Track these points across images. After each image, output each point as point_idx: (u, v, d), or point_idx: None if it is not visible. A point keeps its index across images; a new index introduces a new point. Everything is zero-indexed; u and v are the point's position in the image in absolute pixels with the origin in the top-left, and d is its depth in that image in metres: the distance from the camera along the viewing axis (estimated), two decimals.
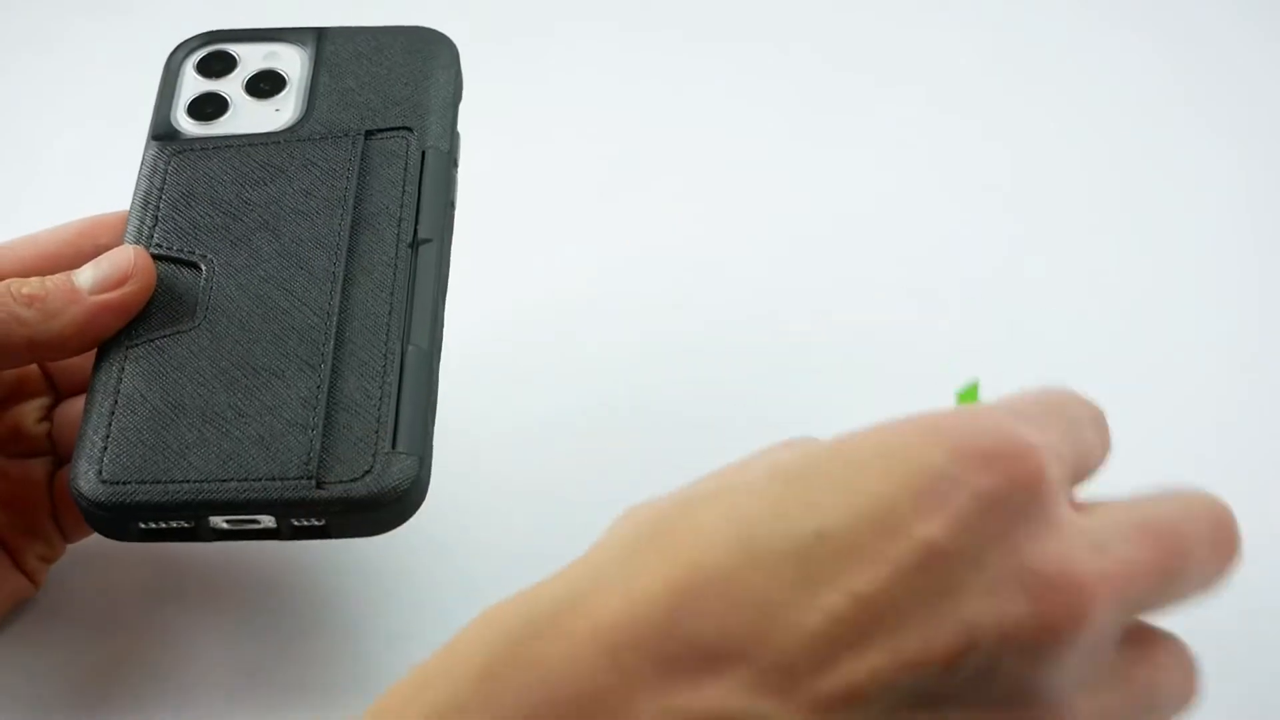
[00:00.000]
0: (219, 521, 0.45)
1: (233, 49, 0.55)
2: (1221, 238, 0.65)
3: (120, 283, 0.48)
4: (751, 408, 0.59)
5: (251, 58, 0.54)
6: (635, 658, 0.34)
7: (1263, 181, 0.67)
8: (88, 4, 0.72)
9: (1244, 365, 0.61)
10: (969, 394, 0.45)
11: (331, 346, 0.47)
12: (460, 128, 0.54)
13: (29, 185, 0.66)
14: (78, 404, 0.52)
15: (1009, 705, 0.35)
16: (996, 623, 0.34)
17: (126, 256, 0.48)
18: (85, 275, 0.48)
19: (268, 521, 0.45)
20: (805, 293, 0.63)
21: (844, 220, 0.66)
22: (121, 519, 0.45)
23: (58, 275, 0.48)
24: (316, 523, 0.45)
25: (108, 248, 0.50)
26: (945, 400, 0.53)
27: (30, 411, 0.52)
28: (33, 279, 0.48)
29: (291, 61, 0.54)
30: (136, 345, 0.48)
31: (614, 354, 0.61)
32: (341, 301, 0.48)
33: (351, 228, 0.50)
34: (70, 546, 0.52)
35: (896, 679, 0.34)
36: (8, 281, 0.48)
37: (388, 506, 0.45)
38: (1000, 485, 0.35)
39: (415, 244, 0.50)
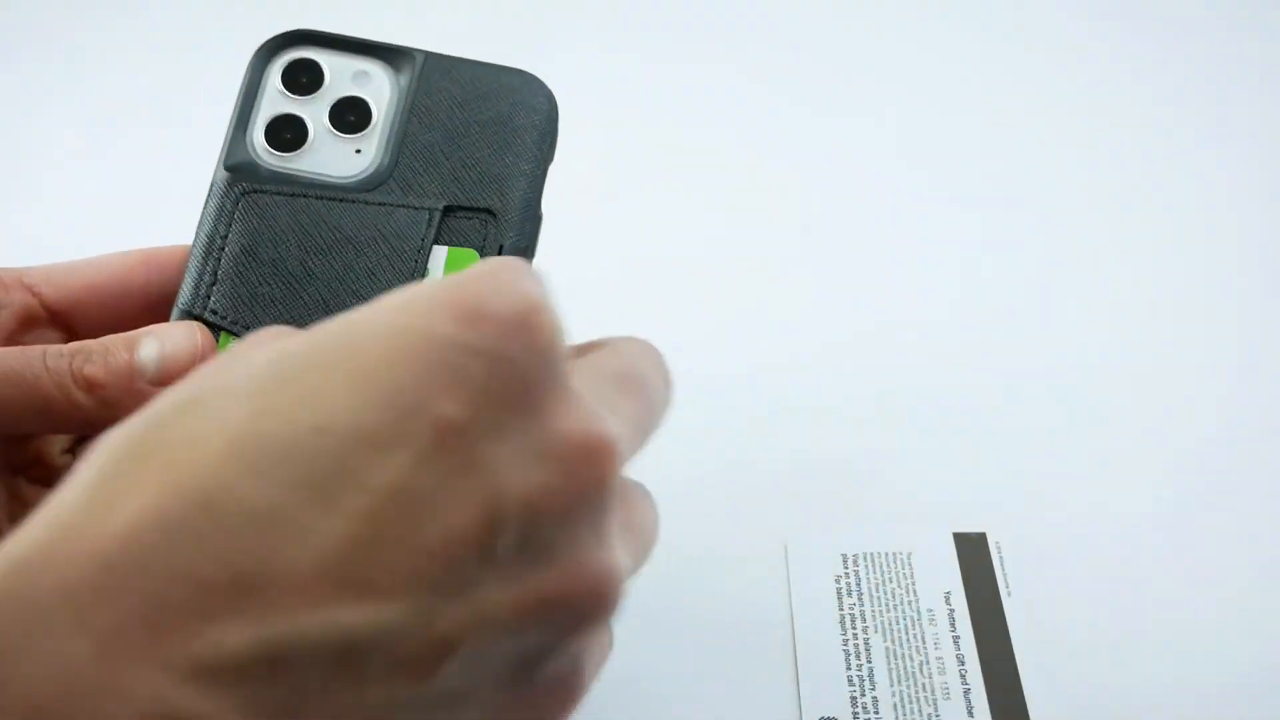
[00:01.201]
0: None
1: (322, 59, 0.51)
2: (1222, 239, 0.66)
3: (181, 375, 0.45)
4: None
5: (340, 75, 0.51)
6: (114, 617, 0.29)
7: (1262, 183, 0.67)
8: (89, 4, 0.71)
9: (1243, 366, 0.62)
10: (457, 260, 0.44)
11: None
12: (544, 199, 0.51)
13: (29, 185, 0.65)
14: None
15: (548, 568, 0.33)
16: (525, 494, 0.33)
17: (193, 346, 0.46)
18: (148, 354, 0.46)
19: None
20: (814, 297, 0.64)
21: (851, 221, 0.66)
22: None
23: (119, 353, 0.46)
24: None
25: (161, 287, 0.49)
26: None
27: (57, 441, 0.50)
28: (95, 354, 0.46)
29: (380, 89, 0.51)
30: None
31: None
32: None
33: None
34: None
35: (432, 573, 0.32)
36: (72, 352, 0.46)
37: None
38: (516, 353, 0.33)
39: None
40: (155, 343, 0.47)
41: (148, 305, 0.49)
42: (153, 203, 0.64)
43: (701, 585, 0.37)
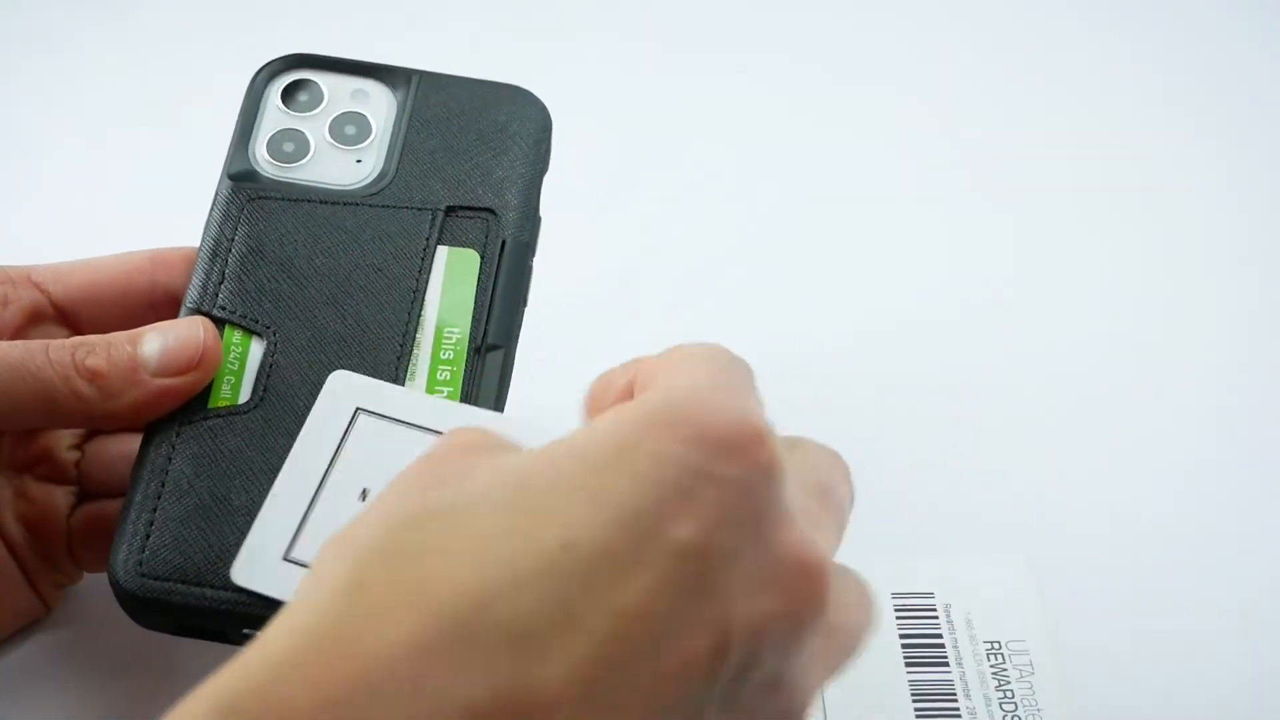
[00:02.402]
0: (250, 630, 0.44)
1: (320, 79, 0.53)
2: (1225, 241, 0.65)
3: (186, 369, 0.46)
4: None
5: (338, 94, 0.53)
6: None
7: (1262, 184, 0.67)
8: (88, 5, 0.71)
9: (1243, 367, 0.61)
10: None
11: None
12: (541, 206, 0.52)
13: (30, 187, 0.65)
14: (110, 441, 0.51)
15: (763, 697, 0.34)
16: (751, 620, 0.33)
17: (196, 340, 0.47)
18: (151, 348, 0.47)
19: None
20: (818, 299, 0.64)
21: (858, 223, 0.66)
22: (156, 615, 0.45)
23: (122, 346, 0.47)
24: None
25: (166, 287, 0.50)
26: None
27: (64, 437, 0.51)
28: (98, 347, 0.47)
29: (378, 105, 0.53)
30: (191, 422, 0.47)
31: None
32: None
33: (418, 322, 0.49)
34: None
35: (664, 699, 0.32)
36: (74, 345, 0.47)
37: None
38: (744, 476, 0.34)
39: (482, 349, 0.49)
40: (158, 336, 0.47)
41: (153, 305, 0.50)
42: (153, 207, 0.64)
43: None
